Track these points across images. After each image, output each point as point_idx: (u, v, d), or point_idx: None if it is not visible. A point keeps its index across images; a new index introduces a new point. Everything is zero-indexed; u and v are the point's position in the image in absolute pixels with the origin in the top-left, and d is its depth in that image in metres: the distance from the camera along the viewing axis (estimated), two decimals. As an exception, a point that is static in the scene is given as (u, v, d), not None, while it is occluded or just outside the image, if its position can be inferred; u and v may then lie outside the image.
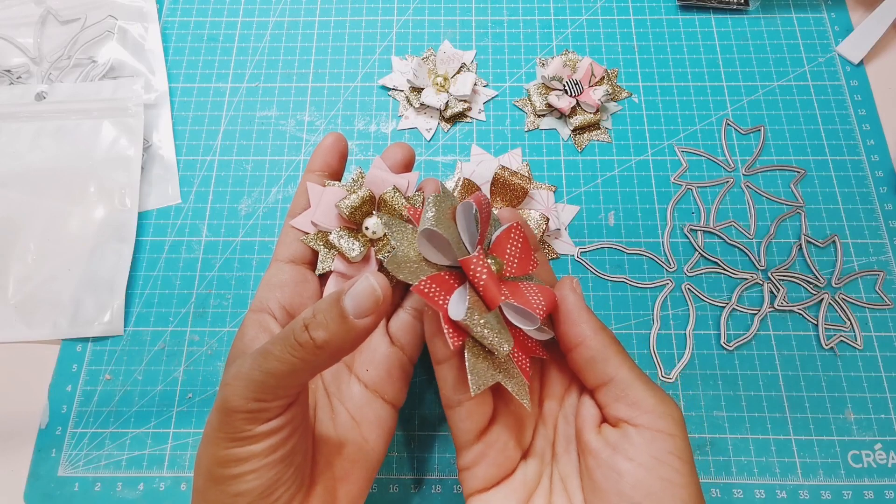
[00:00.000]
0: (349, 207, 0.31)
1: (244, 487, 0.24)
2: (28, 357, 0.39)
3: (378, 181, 0.32)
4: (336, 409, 0.30)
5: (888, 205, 0.41)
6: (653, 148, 0.44)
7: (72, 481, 0.36)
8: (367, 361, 0.31)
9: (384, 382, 0.30)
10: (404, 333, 0.31)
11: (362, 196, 0.31)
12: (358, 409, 0.30)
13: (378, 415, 0.30)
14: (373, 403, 0.30)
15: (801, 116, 0.44)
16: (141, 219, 0.42)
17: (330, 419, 0.29)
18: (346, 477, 0.28)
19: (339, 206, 0.31)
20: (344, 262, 0.31)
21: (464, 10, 0.49)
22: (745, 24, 0.48)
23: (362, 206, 0.31)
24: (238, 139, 0.44)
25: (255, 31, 0.48)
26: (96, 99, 0.45)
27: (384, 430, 0.30)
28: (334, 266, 0.31)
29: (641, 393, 0.25)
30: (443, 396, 0.27)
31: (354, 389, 0.30)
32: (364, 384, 0.30)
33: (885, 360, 0.38)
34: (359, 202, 0.31)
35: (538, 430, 0.28)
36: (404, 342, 0.31)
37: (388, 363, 0.31)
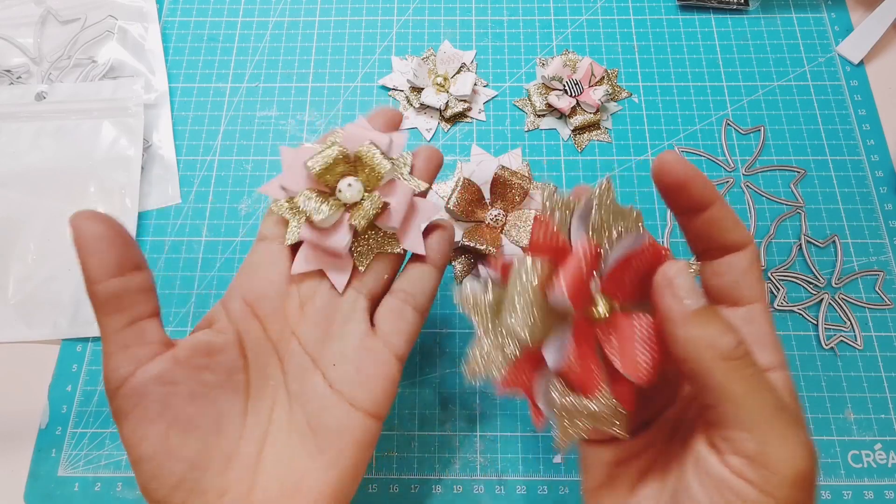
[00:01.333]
0: (318, 165, 0.25)
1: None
2: (28, 357, 0.39)
3: (356, 139, 0.26)
4: (293, 410, 0.25)
5: (888, 205, 0.41)
6: (653, 148, 0.44)
7: (72, 481, 0.36)
8: (336, 353, 0.25)
9: (354, 383, 0.25)
10: (391, 321, 0.26)
11: (334, 154, 0.26)
12: (317, 413, 0.24)
13: (342, 424, 0.24)
14: (336, 409, 0.24)
15: (801, 116, 0.44)
16: (141, 219, 0.42)
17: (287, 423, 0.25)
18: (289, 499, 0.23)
19: (308, 164, 0.25)
20: (311, 229, 0.26)
21: (464, 10, 0.49)
22: (745, 24, 0.48)
23: (335, 166, 0.26)
24: (238, 139, 0.45)
25: (255, 31, 0.48)
26: (96, 99, 0.45)
27: (350, 444, 0.24)
28: (302, 233, 0.26)
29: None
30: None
31: (317, 388, 0.25)
32: (329, 383, 0.25)
33: (885, 360, 0.38)
34: (329, 161, 0.26)
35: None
36: (388, 332, 0.26)
37: (360, 358, 0.25)
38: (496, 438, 0.36)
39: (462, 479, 0.36)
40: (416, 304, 0.27)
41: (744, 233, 0.23)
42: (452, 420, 0.37)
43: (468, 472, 0.36)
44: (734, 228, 0.23)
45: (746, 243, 0.23)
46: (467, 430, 0.37)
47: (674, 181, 0.23)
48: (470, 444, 0.36)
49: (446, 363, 0.38)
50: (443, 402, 0.37)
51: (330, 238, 0.25)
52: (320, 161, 0.25)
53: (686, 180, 0.22)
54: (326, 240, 0.25)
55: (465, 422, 0.37)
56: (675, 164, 0.22)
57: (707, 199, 0.22)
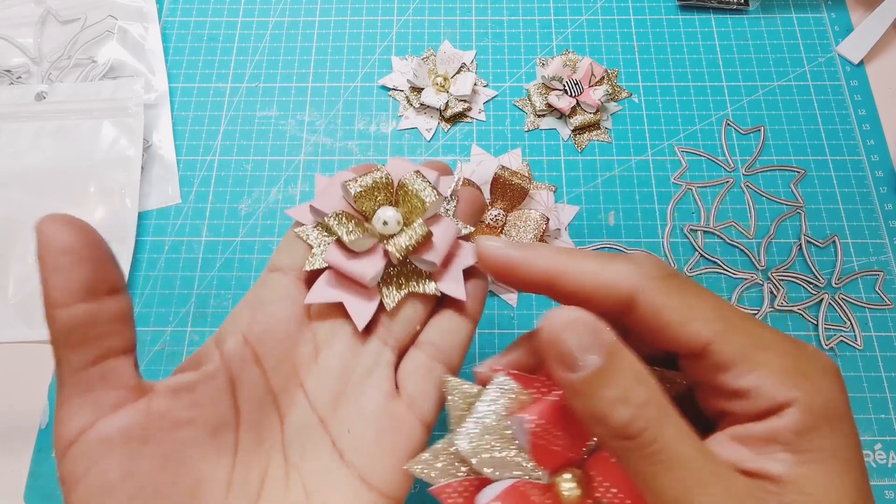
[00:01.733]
0: (359, 188, 0.22)
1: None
2: (28, 357, 0.39)
3: (400, 170, 0.24)
4: (291, 483, 0.20)
5: (888, 205, 0.41)
6: (653, 148, 0.44)
7: (72, 481, 0.36)
8: (351, 415, 0.20)
9: (370, 456, 0.20)
10: (419, 381, 0.21)
11: (377, 177, 0.23)
12: (320, 490, 0.19)
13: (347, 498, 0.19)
14: (344, 488, 0.20)
15: (801, 116, 0.44)
16: (141, 219, 0.42)
17: (281, 499, 0.20)
18: None
19: (347, 185, 0.22)
20: (341, 251, 0.22)
21: (464, 10, 0.49)
22: (745, 24, 0.48)
23: (375, 192, 0.23)
24: (238, 139, 0.44)
25: (255, 31, 0.48)
26: (96, 99, 0.45)
27: None
28: (327, 256, 0.22)
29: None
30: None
31: (322, 458, 0.20)
32: (339, 453, 0.20)
33: (885, 360, 0.38)
34: (371, 183, 0.23)
35: None
36: (415, 394, 0.21)
37: (380, 424, 0.20)
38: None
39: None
40: (448, 360, 0.22)
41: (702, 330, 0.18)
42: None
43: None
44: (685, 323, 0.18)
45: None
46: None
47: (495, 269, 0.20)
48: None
49: (446, 363, 0.38)
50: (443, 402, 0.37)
51: (358, 263, 0.22)
52: (362, 183, 0.23)
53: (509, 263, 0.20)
54: (354, 265, 0.22)
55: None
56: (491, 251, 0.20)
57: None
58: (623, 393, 0.16)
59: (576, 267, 0.19)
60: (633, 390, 0.16)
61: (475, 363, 0.38)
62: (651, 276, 0.18)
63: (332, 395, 0.21)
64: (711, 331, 0.17)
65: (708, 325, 0.17)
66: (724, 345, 0.17)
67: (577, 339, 0.16)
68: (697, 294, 0.18)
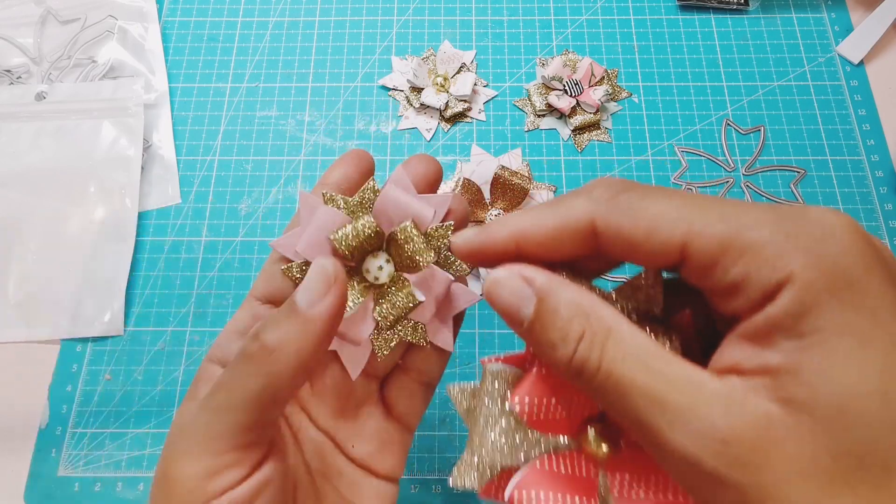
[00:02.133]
0: (345, 243, 0.22)
1: None
2: (28, 357, 0.39)
3: (392, 205, 0.22)
4: (322, 490, 0.23)
5: (888, 205, 0.41)
6: (653, 148, 0.44)
7: (72, 481, 0.36)
8: (352, 436, 0.24)
9: (376, 458, 0.24)
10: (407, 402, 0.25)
11: (364, 230, 0.22)
12: (349, 488, 0.24)
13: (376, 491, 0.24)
14: (366, 481, 0.24)
15: (801, 116, 0.44)
16: (141, 219, 0.42)
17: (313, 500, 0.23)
18: None
19: (334, 238, 0.22)
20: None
21: (464, 10, 0.49)
22: (745, 24, 0.48)
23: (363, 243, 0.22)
24: (238, 139, 0.44)
25: (255, 31, 0.48)
26: (96, 99, 0.45)
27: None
28: None
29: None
30: None
31: (342, 466, 0.24)
32: (352, 460, 0.24)
33: (885, 360, 0.38)
34: (357, 238, 0.22)
35: None
36: (404, 413, 0.25)
37: (380, 437, 0.24)
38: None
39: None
40: (430, 381, 0.25)
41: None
42: (452, 420, 0.37)
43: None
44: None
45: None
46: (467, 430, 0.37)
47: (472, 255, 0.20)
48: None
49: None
50: (443, 402, 0.37)
51: (350, 329, 0.22)
52: (349, 239, 0.22)
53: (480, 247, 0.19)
54: (346, 330, 0.22)
55: (465, 422, 0.37)
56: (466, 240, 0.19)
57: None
58: (562, 327, 0.16)
59: (533, 221, 0.18)
60: (569, 326, 0.16)
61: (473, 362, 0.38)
62: (603, 198, 0.17)
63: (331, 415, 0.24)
64: (680, 232, 0.15)
65: (675, 227, 0.15)
66: (699, 241, 0.15)
67: (509, 294, 0.17)
68: (657, 199, 0.16)
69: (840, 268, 0.14)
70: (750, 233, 0.15)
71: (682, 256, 0.16)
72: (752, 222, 0.15)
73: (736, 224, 0.15)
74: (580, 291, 0.16)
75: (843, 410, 0.13)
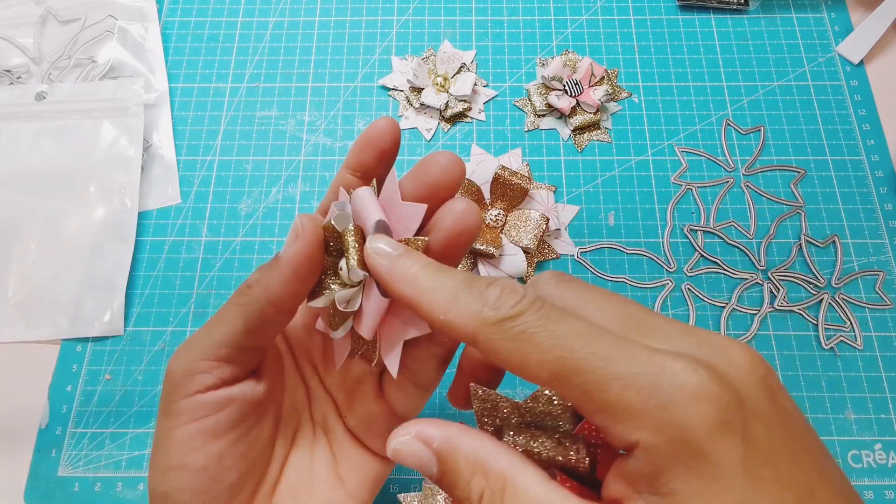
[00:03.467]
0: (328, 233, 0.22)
1: (186, 460, 0.21)
2: (28, 357, 0.39)
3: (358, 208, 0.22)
4: (318, 437, 0.26)
5: (888, 205, 0.41)
6: (653, 148, 0.44)
7: (72, 481, 0.36)
8: (347, 408, 0.27)
9: (363, 433, 0.26)
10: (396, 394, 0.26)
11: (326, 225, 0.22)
12: (339, 446, 0.26)
13: (362, 462, 0.26)
14: (355, 448, 0.26)
15: (801, 116, 0.44)
16: (141, 219, 0.42)
17: (308, 447, 0.26)
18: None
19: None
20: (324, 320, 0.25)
21: (464, 10, 0.49)
22: (745, 24, 0.48)
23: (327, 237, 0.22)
24: (238, 139, 0.44)
25: (255, 31, 0.48)
26: (96, 99, 0.45)
27: (367, 478, 0.26)
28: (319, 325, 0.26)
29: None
30: None
31: (338, 428, 0.27)
32: (345, 424, 0.27)
33: (885, 360, 0.38)
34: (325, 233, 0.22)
35: None
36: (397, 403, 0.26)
37: (369, 416, 0.26)
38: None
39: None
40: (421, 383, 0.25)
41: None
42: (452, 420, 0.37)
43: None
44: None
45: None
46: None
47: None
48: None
49: (446, 363, 0.38)
50: (443, 402, 0.37)
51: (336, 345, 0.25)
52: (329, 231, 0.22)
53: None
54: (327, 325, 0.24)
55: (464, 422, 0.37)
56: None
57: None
58: (465, 482, 0.17)
59: (429, 297, 0.19)
60: (470, 486, 0.17)
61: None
62: (487, 321, 0.17)
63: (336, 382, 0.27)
64: (546, 373, 0.16)
65: (542, 368, 0.16)
66: (563, 388, 0.16)
67: (413, 458, 0.18)
68: (538, 333, 0.16)
69: (685, 435, 0.15)
70: (612, 385, 0.15)
71: (556, 387, 0.16)
72: (621, 371, 0.15)
73: (603, 374, 0.15)
74: (479, 439, 0.18)
75: None
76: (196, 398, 0.22)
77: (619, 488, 0.16)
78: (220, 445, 0.22)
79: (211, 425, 0.22)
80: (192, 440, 0.22)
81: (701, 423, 0.15)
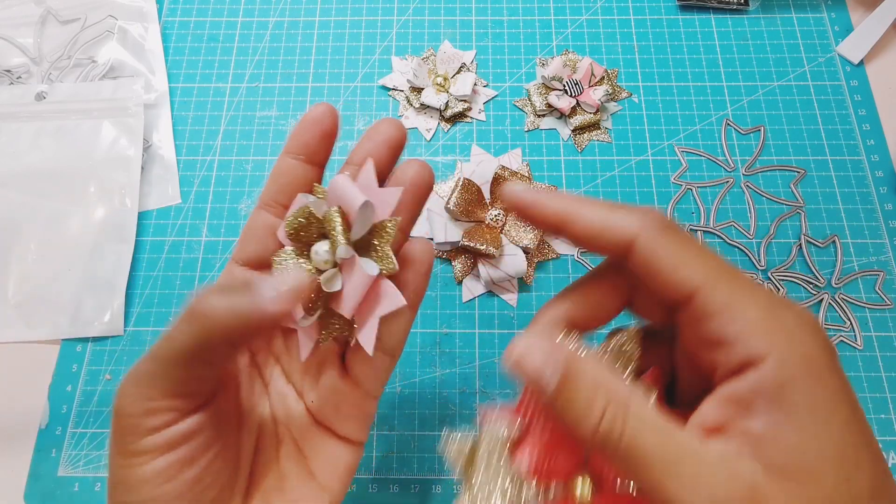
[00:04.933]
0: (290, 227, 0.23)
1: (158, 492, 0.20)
2: (28, 357, 0.39)
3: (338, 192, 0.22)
4: (282, 436, 0.25)
5: (888, 205, 0.41)
6: (653, 148, 0.44)
7: (72, 481, 0.36)
8: (311, 389, 0.25)
9: (331, 417, 0.25)
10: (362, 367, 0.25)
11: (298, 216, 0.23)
12: (305, 439, 0.25)
13: (331, 451, 0.25)
14: (323, 438, 0.25)
15: (801, 116, 0.44)
16: (141, 219, 0.42)
17: (273, 447, 0.25)
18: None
19: (279, 234, 0.24)
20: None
21: (464, 10, 0.49)
22: (745, 24, 0.48)
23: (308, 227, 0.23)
24: (238, 139, 0.45)
25: (255, 31, 0.48)
26: (96, 99, 0.45)
27: (338, 468, 0.25)
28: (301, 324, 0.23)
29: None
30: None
31: (302, 418, 0.25)
32: (311, 413, 0.25)
33: (885, 360, 0.38)
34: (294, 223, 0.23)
35: None
36: (361, 377, 0.25)
37: (336, 397, 0.25)
38: (496, 438, 0.36)
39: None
40: (386, 349, 0.25)
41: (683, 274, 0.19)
42: (452, 420, 0.37)
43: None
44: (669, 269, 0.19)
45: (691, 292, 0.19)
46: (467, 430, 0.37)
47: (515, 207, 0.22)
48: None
49: (446, 363, 0.38)
50: (443, 402, 0.37)
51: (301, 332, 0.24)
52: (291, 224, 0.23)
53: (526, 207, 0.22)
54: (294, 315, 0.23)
55: (465, 422, 0.37)
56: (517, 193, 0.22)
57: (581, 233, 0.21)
58: (586, 401, 0.18)
59: (584, 213, 0.20)
60: (594, 398, 0.18)
61: (474, 362, 0.38)
62: (650, 226, 0.19)
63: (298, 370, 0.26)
64: (699, 278, 0.18)
65: (696, 273, 0.18)
66: (710, 292, 0.18)
67: (534, 364, 0.18)
68: (690, 246, 0.19)
69: (811, 355, 0.17)
70: (750, 304, 0.18)
71: (688, 300, 0.18)
72: (754, 297, 0.18)
73: (743, 293, 0.18)
74: (597, 366, 0.18)
75: (813, 474, 0.16)
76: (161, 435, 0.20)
77: (723, 412, 0.18)
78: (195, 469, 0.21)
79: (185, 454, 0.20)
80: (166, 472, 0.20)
81: (822, 349, 0.17)
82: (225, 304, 0.20)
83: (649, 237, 0.19)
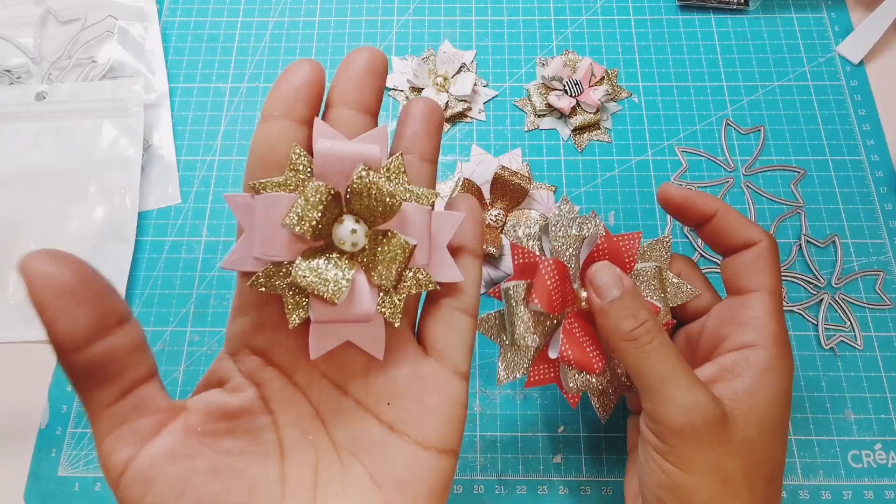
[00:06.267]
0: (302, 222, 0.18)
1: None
2: (28, 357, 0.39)
3: (333, 160, 0.19)
4: (346, 464, 0.20)
5: (888, 205, 0.41)
6: (653, 148, 0.44)
7: (72, 481, 0.36)
8: (385, 390, 0.21)
9: (417, 419, 0.20)
10: (443, 335, 0.21)
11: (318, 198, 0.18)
12: (379, 463, 0.20)
13: (413, 471, 0.20)
14: (403, 454, 0.20)
15: (801, 116, 0.44)
16: (141, 219, 0.42)
17: (339, 481, 0.20)
18: None
19: (289, 224, 0.18)
20: (322, 305, 0.19)
21: (464, 10, 0.49)
22: (745, 24, 0.48)
23: (324, 213, 0.19)
24: (238, 139, 0.45)
25: (255, 31, 0.48)
26: (96, 99, 0.45)
27: (425, 493, 0.20)
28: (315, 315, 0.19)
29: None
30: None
31: (373, 434, 0.20)
32: (387, 426, 0.20)
33: (885, 360, 0.38)
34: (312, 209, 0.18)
35: None
36: (443, 348, 0.21)
37: (418, 389, 0.21)
38: (496, 438, 0.36)
39: (462, 479, 0.36)
40: (466, 306, 0.22)
41: (752, 233, 0.28)
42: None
43: (468, 472, 0.36)
44: (740, 231, 0.28)
45: (755, 241, 0.28)
46: (467, 430, 0.37)
47: (675, 206, 0.29)
48: (470, 444, 0.36)
49: (446, 363, 0.38)
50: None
51: (353, 308, 0.19)
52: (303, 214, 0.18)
53: (683, 202, 0.29)
54: (349, 312, 0.19)
55: (465, 422, 0.37)
56: (673, 192, 0.29)
57: (706, 214, 0.29)
58: (632, 312, 0.26)
59: (698, 203, 0.29)
60: (639, 312, 0.26)
61: (474, 362, 0.38)
62: (726, 207, 0.29)
63: (357, 375, 0.21)
64: (756, 235, 0.28)
65: (754, 232, 0.28)
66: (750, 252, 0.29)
67: (606, 278, 0.27)
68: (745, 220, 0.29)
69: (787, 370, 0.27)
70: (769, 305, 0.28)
71: (741, 249, 0.29)
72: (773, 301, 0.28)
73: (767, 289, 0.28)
74: (643, 298, 0.27)
75: (760, 413, 0.26)
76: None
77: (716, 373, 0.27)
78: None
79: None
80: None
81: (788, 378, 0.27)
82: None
83: (725, 211, 0.29)
